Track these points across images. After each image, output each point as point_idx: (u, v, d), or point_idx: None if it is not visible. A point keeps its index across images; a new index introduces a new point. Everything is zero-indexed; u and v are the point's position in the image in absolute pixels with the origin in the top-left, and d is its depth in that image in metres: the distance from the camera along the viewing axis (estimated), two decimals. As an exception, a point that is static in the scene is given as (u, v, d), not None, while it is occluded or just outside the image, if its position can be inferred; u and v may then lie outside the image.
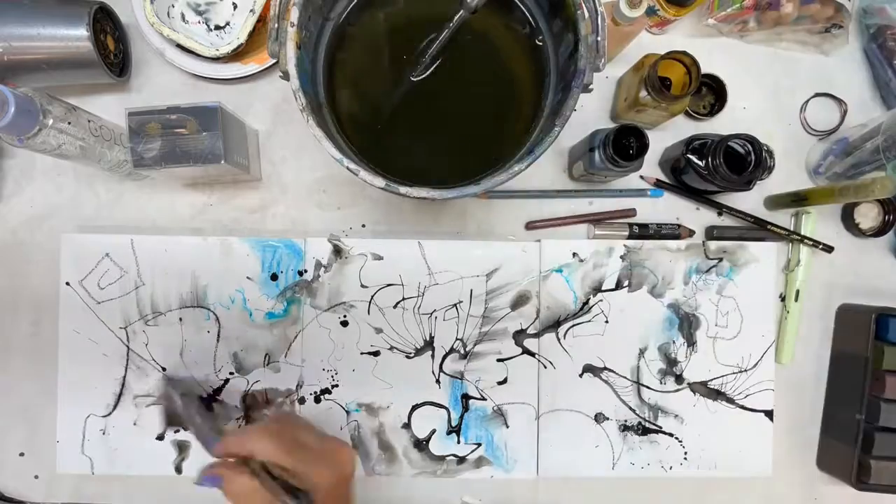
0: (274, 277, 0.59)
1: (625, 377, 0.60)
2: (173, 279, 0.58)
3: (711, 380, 0.60)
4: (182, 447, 0.58)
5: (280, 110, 0.61)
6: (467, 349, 0.59)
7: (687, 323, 0.60)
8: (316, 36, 0.48)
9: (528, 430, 0.59)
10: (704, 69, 0.55)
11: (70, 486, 0.60)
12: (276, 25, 0.43)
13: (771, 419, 0.60)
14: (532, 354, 0.60)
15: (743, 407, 0.60)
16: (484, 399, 0.59)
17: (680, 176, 0.60)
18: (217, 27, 0.60)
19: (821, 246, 0.61)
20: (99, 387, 0.58)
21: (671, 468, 0.60)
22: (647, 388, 0.60)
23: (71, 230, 0.59)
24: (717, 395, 0.60)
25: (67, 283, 0.58)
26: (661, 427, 0.60)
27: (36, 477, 0.60)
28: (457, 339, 0.59)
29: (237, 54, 0.58)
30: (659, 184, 0.62)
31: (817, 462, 0.62)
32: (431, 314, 0.59)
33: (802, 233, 0.61)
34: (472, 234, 0.62)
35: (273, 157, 0.61)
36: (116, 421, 0.58)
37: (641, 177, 0.62)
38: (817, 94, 0.64)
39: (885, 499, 0.59)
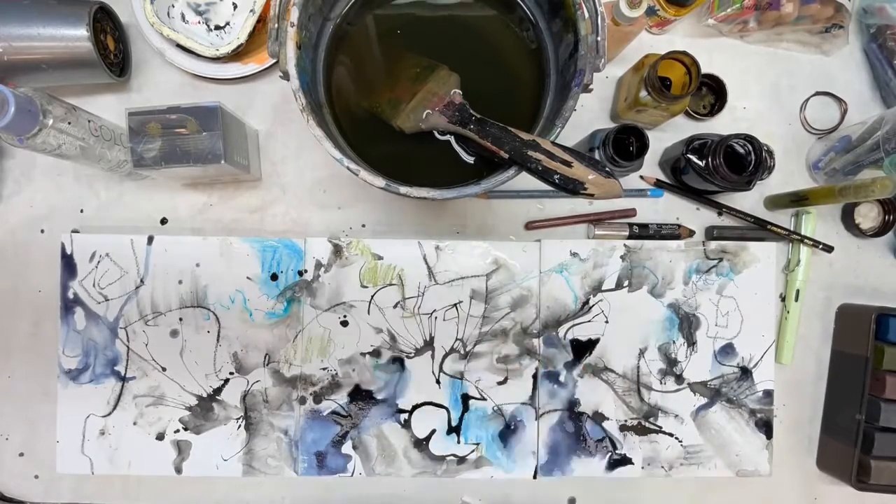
0: (274, 277, 0.59)
1: (625, 377, 0.60)
2: (173, 279, 0.58)
3: (711, 380, 0.60)
4: (182, 447, 0.58)
5: (280, 110, 0.61)
6: (467, 349, 0.59)
7: (687, 323, 0.60)
8: (316, 36, 0.48)
9: (528, 430, 0.59)
10: (704, 69, 0.55)
11: (70, 486, 0.60)
12: (276, 25, 0.43)
13: (771, 419, 0.60)
14: (532, 354, 0.60)
15: (743, 407, 0.60)
16: (484, 399, 0.59)
17: (680, 176, 0.60)
18: (217, 27, 0.60)
19: (821, 246, 0.61)
20: (99, 387, 0.58)
21: (671, 468, 0.60)
22: (648, 388, 0.60)
23: (71, 230, 0.59)
24: (717, 394, 0.60)
25: (67, 283, 0.58)
26: (661, 427, 0.60)
27: (36, 477, 0.60)
28: (457, 339, 0.59)
29: (237, 54, 0.58)
30: (659, 184, 0.62)
31: (817, 462, 0.62)
32: (431, 314, 0.59)
33: (802, 233, 0.61)
34: (472, 234, 0.62)
35: (273, 157, 0.61)
36: (116, 421, 0.58)
37: (641, 177, 0.62)
38: (818, 93, 0.63)
39: (885, 499, 0.59)
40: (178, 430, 0.58)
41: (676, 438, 0.60)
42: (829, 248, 0.61)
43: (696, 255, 0.60)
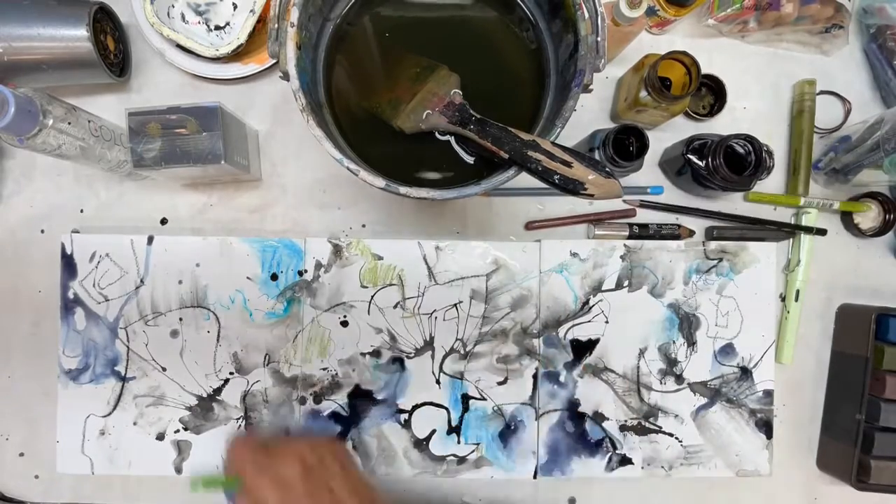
0: (274, 277, 0.59)
1: (625, 377, 0.60)
2: (173, 279, 0.58)
3: (711, 380, 0.60)
4: (182, 447, 0.58)
5: (280, 110, 0.61)
6: (467, 349, 0.59)
7: (687, 323, 0.60)
8: (316, 36, 0.48)
9: (528, 430, 0.59)
10: (704, 69, 0.55)
11: (70, 486, 0.60)
12: (276, 25, 0.43)
13: (771, 419, 0.60)
14: (532, 354, 0.60)
15: (743, 407, 0.60)
16: (484, 399, 0.59)
17: (680, 176, 0.60)
18: (217, 27, 0.60)
19: (814, 231, 0.61)
20: (99, 387, 0.58)
21: (671, 468, 0.60)
22: (648, 388, 0.60)
23: (71, 230, 0.59)
24: (717, 394, 0.60)
25: (67, 284, 0.58)
26: (661, 427, 0.60)
27: (36, 477, 0.60)
28: (457, 339, 0.59)
29: (237, 54, 0.58)
30: (663, 206, 0.61)
31: (817, 462, 0.62)
32: (431, 314, 0.59)
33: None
34: (472, 234, 0.62)
35: (273, 157, 0.61)
36: (116, 421, 0.58)
37: (624, 200, 0.61)
38: (822, 92, 0.63)
39: (885, 499, 0.59)
40: (178, 430, 0.58)
41: (676, 438, 0.60)
42: (822, 232, 0.61)
43: (696, 255, 0.60)
